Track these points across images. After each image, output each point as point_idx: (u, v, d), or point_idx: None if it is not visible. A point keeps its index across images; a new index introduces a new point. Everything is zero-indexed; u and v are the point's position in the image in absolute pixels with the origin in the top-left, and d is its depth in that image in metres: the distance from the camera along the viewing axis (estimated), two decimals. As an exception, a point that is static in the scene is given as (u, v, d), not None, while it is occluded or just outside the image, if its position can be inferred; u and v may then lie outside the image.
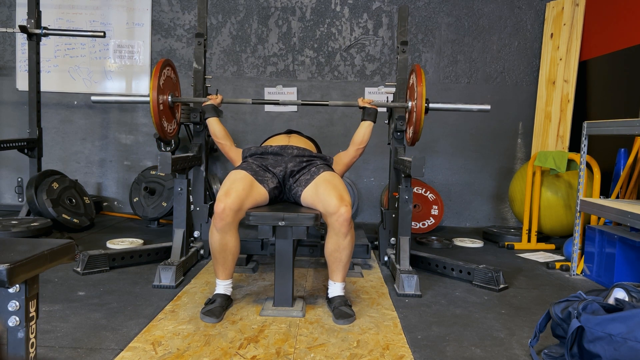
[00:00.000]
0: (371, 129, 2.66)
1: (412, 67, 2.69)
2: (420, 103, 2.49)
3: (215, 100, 2.72)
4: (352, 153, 2.64)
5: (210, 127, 2.64)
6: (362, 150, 2.67)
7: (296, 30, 4.42)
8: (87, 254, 2.62)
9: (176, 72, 2.85)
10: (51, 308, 2.10)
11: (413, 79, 2.67)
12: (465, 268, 2.68)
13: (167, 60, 2.69)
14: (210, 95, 2.77)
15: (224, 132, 2.63)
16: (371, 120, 2.67)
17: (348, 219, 2.06)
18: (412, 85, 2.68)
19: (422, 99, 2.48)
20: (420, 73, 2.51)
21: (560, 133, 4.12)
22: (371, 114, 2.68)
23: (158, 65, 2.58)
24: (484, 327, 2.05)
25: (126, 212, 4.44)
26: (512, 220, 4.49)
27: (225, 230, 2.08)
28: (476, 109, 2.69)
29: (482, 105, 2.68)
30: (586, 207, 2.77)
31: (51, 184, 3.62)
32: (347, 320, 2.02)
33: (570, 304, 1.68)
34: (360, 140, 2.63)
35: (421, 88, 2.48)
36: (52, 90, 4.41)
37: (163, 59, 2.65)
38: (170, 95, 2.72)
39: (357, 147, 2.64)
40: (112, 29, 4.38)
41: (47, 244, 1.12)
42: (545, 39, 4.27)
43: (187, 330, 1.91)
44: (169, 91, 2.72)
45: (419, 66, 2.58)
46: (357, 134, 2.65)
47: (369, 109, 2.69)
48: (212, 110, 2.67)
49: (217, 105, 2.73)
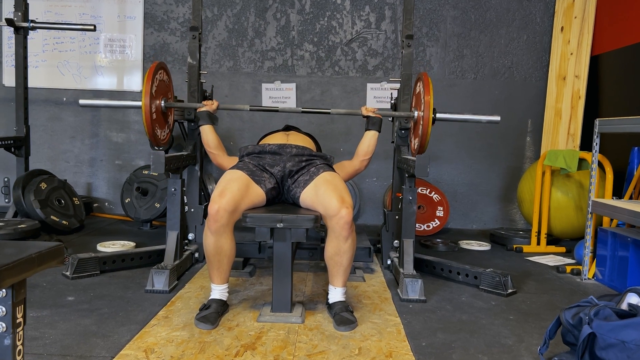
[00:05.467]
0: (376, 138, 2.64)
1: (419, 75, 2.67)
2: (428, 114, 2.45)
3: (211, 106, 2.68)
4: (356, 165, 2.64)
5: (203, 135, 2.62)
6: (367, 162, 2.66)
7: (295, 23, 4.42)
8: (76, 257, 2.62)
9: (169, 74, 2.83)
10: (39, 314, 2.09)
11: (420, 87, 2.66)
12: (471, 272, 2.68)
13: (161, 64, 2.67)
14: (206, 101, 2.73)
15: (217, 142, 2.61)
16: (376, 129, 2.64)
17: (349, 221, 2.06)
18: (419, 93, 2.66)
19: (429, 110, 2.45)
20: (428, 82, 2.49)
21: (571, 131, 4.13)
22: (376, 123, 2.65)
23: (151, 70, 2.54)
24: (492, 333, 2.05)
25: (117, 214, 4.44)
26: (520, 222, 4.49)
27: (220, 232, 2.08)
28: (485, 120, 2.68)
29: (492, 117, 2.67)
30: (598, 208, 2.77)
31: (39, 184, 3.62)
32: (348, 327, 2.02)
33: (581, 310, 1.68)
34: (365, 151, 2.62)
35: (429, 98, 2.45)
36: (40, 86, 4.40)
37: (156, 63, 2.62)
38: (163, 100, 2.70)
39: (362, 158, 2.63)
40: (102, 22, 4.38)
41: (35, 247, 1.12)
42: (556, 32, 4.27)
43: (181, 337, 1.91)
44: (162, 96, 2.69)
45: (426, 74, 2.56)
46: (362, 144, 2.63)
47: (373, 117, 2.66)
48: (207, 118, 2.64)
49: (213, 112, 2.69)
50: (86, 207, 4.17)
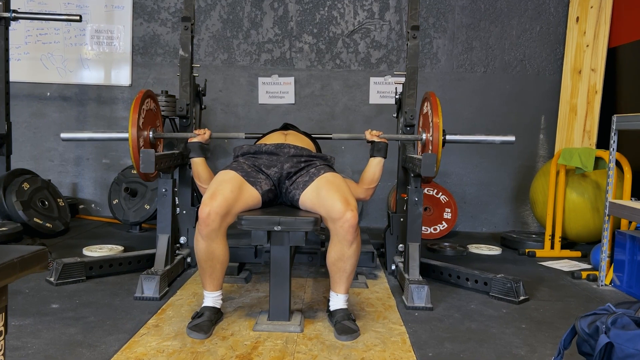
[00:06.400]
0: (382, 166, 2.54)
1: (426, 94, 2.65)
2: (437, 136, 2.44)
3: (203, 136, 2.59)
4: (360, 194, 2.55)
5: (194, 167, 2.54)
6: (372, 191, 2.57)
7: (293, 13, 4.42)
8: (61, 262, 2.62)
9: (157, 102, 2.78)
10: (21, 322, 2.09)
11: (427, 107, 2.64)
12: (481, 278, 2.68)
13: (148, 92, 2.62)
14: (198, 130, 2.65)
15: (208, 175, 2.51)
16: (381, 156, 2.54)
17: (354, 225, 2.06)
18: (427, 114, 2.65)
19: (438, 132, 2.44)
20: (436, 102, 2.48)
21: (587, 128, 4.12)
22: (381, 150, 2.55)
23: (137, 100, 2.50)
24: (502, 343, 2.05)
25: (105, 216, 4.44)
26: (533, 224, 4.49)
27: (212, 237, 2.08)
28: (499, 140, 2.63)
29: (506, 137, 2.62)
30: (616, 210, 2.77)
31: (21, 184, 3.62)
32: (350, 336, 2.02)
33: (598, 318, 1.68)
34: (370, 179, 2.53)
35: (437, 120, 2.44)
36: (22, 80, 4.40)
37: (142, 92, 2.55)
38: (151, 131, 2.65)
39: (367, 187, 2.54)
40: (89, 12, 4.38)
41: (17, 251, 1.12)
42: (571, 23, 4.27)
43: (172, 347, 1.91)
44: (149, 126, 2.64)
45: (434, 94, 2.53)
46: (367, 172, 2.55)
47: (378, 143, 2.56)
48: (198, 150, 2.54)
49: (205, 143, 2.59)
50: (71, 208, 4.17)
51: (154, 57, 4.45)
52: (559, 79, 4.35)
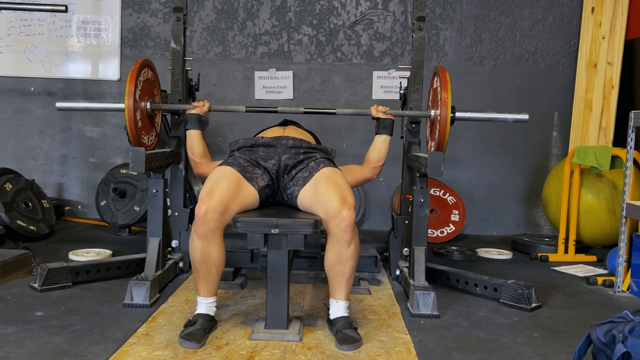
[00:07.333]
0: (388, 143, 2.64)
1: (436, 69, 2.68)
2: (445, 112, 2.45)
3: (202, 108, 2.68)
4: (367, 173, 2.66)
5: (188, 140, 2.62)
6: (379, 169, 2.68)
7: (292, 3, 4.42)
8: (46, 267, 2.62)
9: (155, 71, 2.82)
10: (3, 331, 2.09)
11: (437, 82, 2.66)
12: (491, 284, 2.68)
13: (145, 61, 2.67)
14: (197, 102, 2.73)
15: (203, 149, 2.61)
16: (387, 133, 2.65)
17: (351, 223, 2.06)
18: (436, 90, 2.67)
19: (447, 108, 2.46)
20: (445, 76, 2.50)
21: (603, 125, 4.13)
22: (387, 126, 2.64)
23: (134, 70, 2.53)
24: (513, 353, 2.05)
25: (92, 218, 4.44)
26: (546, 227, 4.50)
27: (209, 237, 2.09)
28: (512, 119, 2.66)
29: (519, 115, 2.65)
30: (633, 211, 2.77)
31: (4, 184, 3.62)
32: (352, 346, 2.02)
33: (614, 326, 1.68)
34: (376, 157, 2.63)
35: (446, 95, 2.46)
36: (4, 74, 4.41)
37: (139, 61, 2.60)
38: (149, 102, 2.69)
39: (373, 165, 2.65)
40: (75, 3, 4.38)
41: (-1, 256, 1.12)
42: (586, 14, 4.28)
43: (163, 357, 1.91)
44: (147, 97, 2.68)
45: (443, 68, 2.56)
46: (372, 150, 2.64)
47: (384, 120, 2.65)
48: (196, 122, 2.63)
49: (203, 115, 2.69)
50: (57, 210, 4.18)
51: (144, 49, 4.45)
52: (573, 73, 4.36)
